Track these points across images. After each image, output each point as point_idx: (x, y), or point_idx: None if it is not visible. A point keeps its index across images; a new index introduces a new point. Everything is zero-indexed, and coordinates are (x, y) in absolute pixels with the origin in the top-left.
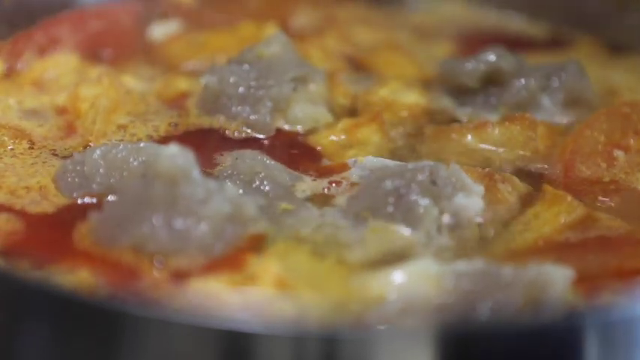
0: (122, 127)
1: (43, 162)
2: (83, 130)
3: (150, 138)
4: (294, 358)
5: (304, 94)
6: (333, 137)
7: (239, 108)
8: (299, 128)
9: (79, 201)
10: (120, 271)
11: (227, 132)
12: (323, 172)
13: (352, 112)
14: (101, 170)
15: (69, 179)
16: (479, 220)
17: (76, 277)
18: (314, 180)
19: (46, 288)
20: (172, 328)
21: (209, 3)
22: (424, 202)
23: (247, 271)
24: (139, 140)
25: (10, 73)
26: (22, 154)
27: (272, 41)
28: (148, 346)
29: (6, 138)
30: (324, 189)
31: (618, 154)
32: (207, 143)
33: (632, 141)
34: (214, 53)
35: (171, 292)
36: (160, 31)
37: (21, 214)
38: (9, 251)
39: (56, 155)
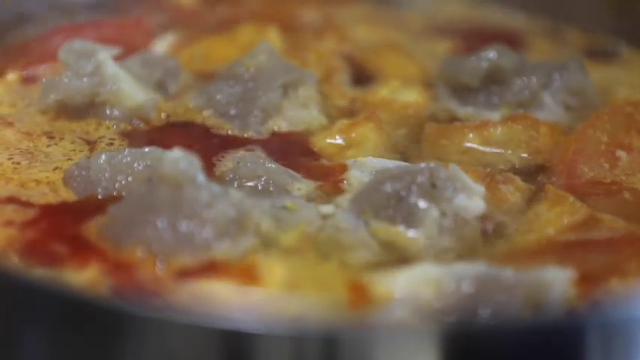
0: None
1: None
2: None
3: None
4: (294, 358)
5: (295, 99)
6: (331, 139)
7: (231, 124)
8: (295, 131)
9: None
10: (121, 272)
11: (229, 132)
12: (323, 174)
13: (353, 112)
14: (106, 175)
15: (74, 184)
16: (480, 220)
17: (79, 276)
18: (315, 182)
19: (47, 287)
20: (172, 328)
21: (210, 4)
22: (424, 204)
23: (252, 273)
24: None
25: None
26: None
27: (257, 52)
28: (148, 346)
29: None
30: (324, 191)
31: (621, 154)
32: (209, 147)
33: (634, 141)
34: (217, 63)
35: (172, 292)
36: (162, 45)
37: (30, 206)
38: (19, 248)
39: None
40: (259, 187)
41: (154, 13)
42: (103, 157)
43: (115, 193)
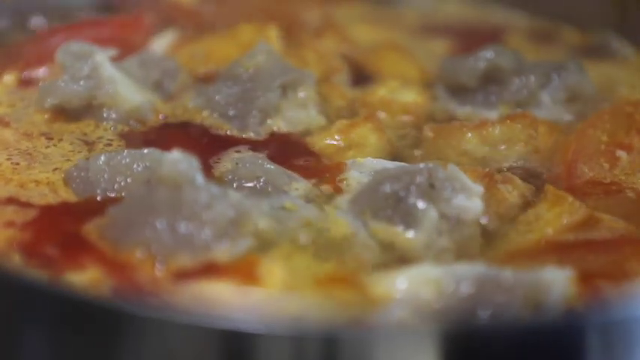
0: None
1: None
2: None
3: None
4: (294, 358)
5: (294, 99)
6: (330, 139)
7: (230, 124)
8: (294, 132)
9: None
10: (121, 272)
11: (227, 133)
12: (322, 174)
13: (352, 113)
14: (106, 176)
15: (74, 185)
16: (479, 220)
17: (79, 277)
18: (314, 183)
19: (47, 287)
20: (172, 328)
21: (209, 3)
22: (423, 205)
23: (251, 274)
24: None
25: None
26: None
27: (256, 52)
28: (148, 346)
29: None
30: (323, 191)
31: (621, 154)
32: (207, 148)
33: (634, 141)
34: (218, 63)
35: (172, 292)
36: (161, 44)
37: (30, 206)
38: (19, 248)
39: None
40: (258, 188)
41: (154, 11)
42: (102, 158)
43: (114, 195)
